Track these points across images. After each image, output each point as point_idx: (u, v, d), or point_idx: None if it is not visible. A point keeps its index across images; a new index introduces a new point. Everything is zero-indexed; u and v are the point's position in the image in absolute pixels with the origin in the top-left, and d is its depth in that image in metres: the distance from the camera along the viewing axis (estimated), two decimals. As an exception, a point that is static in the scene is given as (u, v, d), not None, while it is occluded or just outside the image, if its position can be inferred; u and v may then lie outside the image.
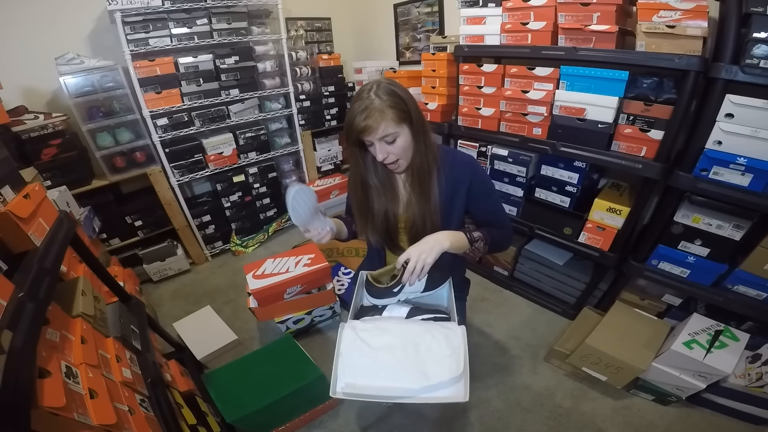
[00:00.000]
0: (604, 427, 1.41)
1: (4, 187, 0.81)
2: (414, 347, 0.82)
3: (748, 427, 1.37)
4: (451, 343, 0.82)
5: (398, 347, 0.82)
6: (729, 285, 1.39)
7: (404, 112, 0.87)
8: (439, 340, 0.83)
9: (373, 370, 0.79)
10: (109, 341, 0.96)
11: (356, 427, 1.48)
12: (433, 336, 0.84)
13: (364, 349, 0.82)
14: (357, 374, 0.78)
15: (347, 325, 0.88)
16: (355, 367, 0.79)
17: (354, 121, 0.86)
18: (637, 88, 1.43)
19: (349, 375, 0.78)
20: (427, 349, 0.81)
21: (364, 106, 0.85)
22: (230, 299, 2.28)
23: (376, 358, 0.80)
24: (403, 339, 0.84)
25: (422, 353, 0.81)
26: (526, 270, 2.11)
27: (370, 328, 0.87)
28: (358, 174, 1.03)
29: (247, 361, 1.51)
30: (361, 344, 0.83)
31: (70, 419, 0.61)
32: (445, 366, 0.78)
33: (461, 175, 0.99)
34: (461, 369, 0.76)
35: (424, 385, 0.76)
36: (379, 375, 0.78)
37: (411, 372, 0.78)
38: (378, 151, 0.90)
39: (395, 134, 0.88)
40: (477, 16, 1.80)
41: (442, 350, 0.81)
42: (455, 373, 0.76)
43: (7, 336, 0.56)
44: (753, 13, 1.11)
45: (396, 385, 0.77)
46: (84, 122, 2.04)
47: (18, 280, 0.68)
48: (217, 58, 2.33)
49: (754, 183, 1.20)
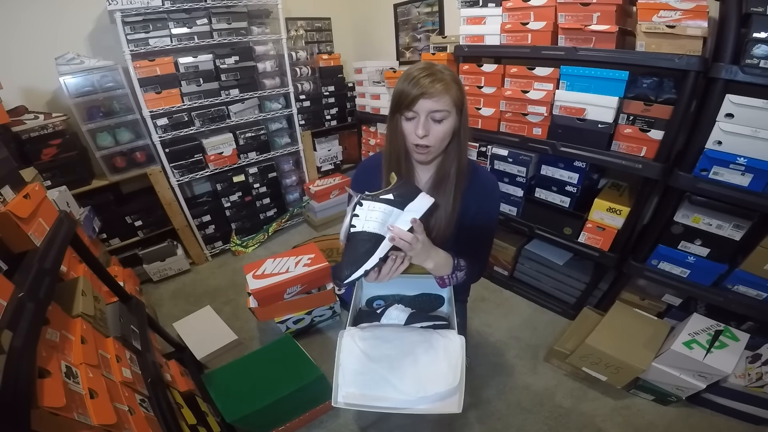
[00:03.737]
0: (604, 427, 1.41)
1: (4, 187, 0.81)
2: (412, 358, 0.83)
3: (748, 427, 1.37)
4: (449, 353, 0.83)
5: (397, 358, 0.83)
6: (729, 285, 1.39)
7: (460, 98, 0.83)
8: (438, 350, 0.84)
9: (371, 381, 0.81)
10: (109, 341, 0.96)
11: (356, 427, 1.48)
12: (432, 346, 0.85)
13: (363, 360, 0.83)
14: (356, 384, 0.81)
15: (346, 333, 0.89)
16: (355, 377, 0.81)
17: (419, 82, 0.78)
18: (637, 88, 1.43)
19: (349, 385, 0.80)
20: (425, 361, 0.83)
21: (432, 71, 0.79)
22: (230, 299, 2.28)
23: (375, 370, 0.82)
24: (402, 349, 0.85)
25: (420, 364, 0.82)
26: (526, 270, 2.11)
27: (369, 337, 0.88)
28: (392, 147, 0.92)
29: (247, 361, 1.51)
30: (360, 354, 0.84)
31: (70, 419, 0.61)
32: (442, 378, 0.80)
33: (480, 194, 0.94)
34: (457, 381, 0.78)
35: (420, 396, 0.78)
36: (378, 386, 0.80)
37: (409, 383, 0.80)
38: (420, 125, 0.81)
39: (446, 114, 0.81)
40: (477, 16, 1.80)
41: (439, 362, 0.82)
42: (451, 385, 0.78)
43: (7, 336, 0.56)
44: (753, 13, 1.11)
45: (394, 396, 0.79)
46: (84, 122, 2.04)
47: (18, 280, 0.68)
48: (217, 58, 2.33)
49: (754, 183, 1.20)
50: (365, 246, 0.73)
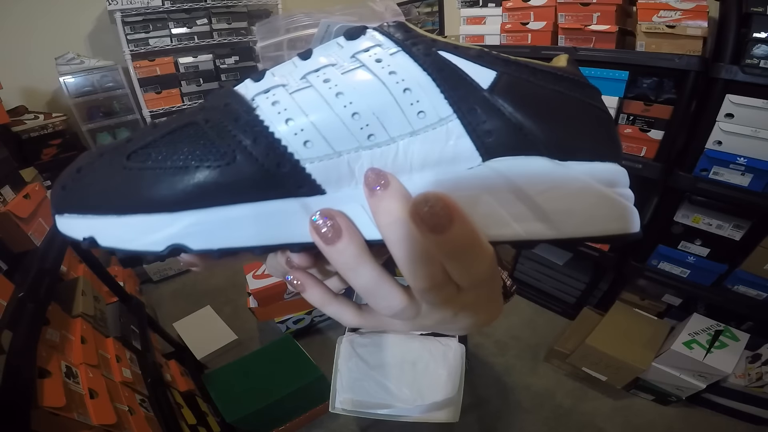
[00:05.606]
0: (604, 427, 1.41)
1: (4, 187, 0.81)
2: (411, 365, 0.84)
3: (748, 427, 1.37)
4: (449, 362, 0.84)
5: (395, 365, 0.84)
6: (729, 285, 1.39)
7: None
8: (437, 358, 0.84)
9: (369, 387, 0.81)
10: (109, 341, 0.96)
11: (356, 427, 1.48)
12: (431, 354, 0.85)
13: (361, 366, 0.84)
14: (354, 391, 0.81)
15: (345, 339, 0.89)
16: (353, 383, 0.82)
17: None
18: (637, 88, 1.43)
19: (347, 391, 0.81)
20: (424, 369, 0.83)
21: None
22: (230, 299, 2.28)
23: (373, 377, 0.82)
24: (401, 357, 0.85)
25: (419, 372, 0.83)
26: (526, 270, 2.11)
27: (368, 343, 0.88)
28: None
29: (247, 361, 1.51)
30: (358, 360, 0.84)
31: (70, 419, 0.61)
32: (441, 387, 0.80)
33: None
34: (455, 391, 0.79)
35: (418, 404, 0.79)
36: (376, 393, 0.81)
37: (406, 391, 0.81)
38: None
39: None
40: (477, 16, 1.80)
41: (438, 370, 0.83)
42: (450, 395, 0.79)
43: (7, 336, 0.56)
44: (753, 13, 1.11)
45: (391, 404, 0.79)
46: (84, 122, 2.04)
47: (18, 280, 0.68)
48: (217, 58, 2.32)
49: (754, 183, 1.20)
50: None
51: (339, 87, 0.18)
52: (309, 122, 0.17)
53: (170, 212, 0.18)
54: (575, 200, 0.18)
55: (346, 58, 0.18)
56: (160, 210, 0.18)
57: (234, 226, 0.18)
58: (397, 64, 0.18)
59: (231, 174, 0.17)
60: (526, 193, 0.17)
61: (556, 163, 0.18)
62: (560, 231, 0.18)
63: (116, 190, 0.18)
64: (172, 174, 0.17)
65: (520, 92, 0.18)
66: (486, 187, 0.17)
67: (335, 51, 0.19)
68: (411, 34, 0.19)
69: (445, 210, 0.13)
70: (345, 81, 0.18)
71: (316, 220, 0.17)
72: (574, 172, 0.18)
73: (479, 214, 0.17)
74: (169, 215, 0.18)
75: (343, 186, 0.18)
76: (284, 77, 0.19)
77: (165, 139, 0.18)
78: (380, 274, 0.18)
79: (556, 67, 0.20)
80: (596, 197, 0.18)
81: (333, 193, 0.18)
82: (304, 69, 0.19)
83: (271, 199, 0.18)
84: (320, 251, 0.18)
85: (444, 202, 0.13)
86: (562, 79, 0.19)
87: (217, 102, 0.20)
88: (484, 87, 0.18)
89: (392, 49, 0.18)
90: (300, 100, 0.18)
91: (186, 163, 0.17)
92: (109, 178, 0.18)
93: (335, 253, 0.17)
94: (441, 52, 0.18)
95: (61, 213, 0.19)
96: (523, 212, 0.17)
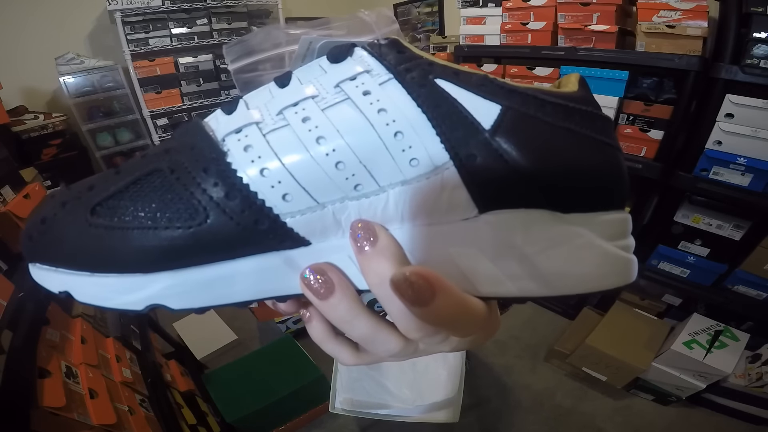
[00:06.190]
0: (604, 427, 1.41)
1: (4, 187, 0.81)
2: (411, 365, 0.84)
3: (748, 427, 1.37)
4: (449, 362, 0.84)
5: (395, 366, 0.84)
6: (729, 285, 1.39)
7: None
8: (437, 359, 0.85)
9: (369, 387, 0.81)
10: (109, 341, 0.96)
11: (356, 427, 1.48)
12: (431, 355, 0.85)
13: (361, 367, 0.83)
14: (354, 391, 0.81)
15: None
16: (353, 383, 0.82)
17: None
18: (637, 88, 1.43)
19: (347, 391, 0.81)
20: (424, 369, 0.83)
21: None
22: (230, 299, 2.28)
23: (373, 377, 0.83)
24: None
25: (419, 373, 0.83)
26: (526, 270, 2.11)
27: None
28: None
29: (247, 361, 1.51)
30: None
31: (70, 419, 0.61)
32: (441, 387, 0.80)
33: None
34: (455, 391, 0.79)
35: (418, 404, 0.80)
36: (375, 393, 0.81)
37: (406, 391, 0.81)
38: None
39: None
40: (477, 16, 1.80)
41: (438, 370, 0.83)
42: (449, 395, 0.79)
43: (7, 336, 0.56)
44: (753, 13, 1.11)
45: (391, 404, 0.80)
46: (84, 122, 2.05)
47: (18, 280, 0.68)
48: (217, 58, 2.33)
49: (754, 183, 1.20)
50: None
51: (320, 129, 0.16)
52: (287, 173, 0.15)
53: (145, 273, 0.16)
54: (574, 261, 0.17)
55: (329, 89, 0.16)
56: (133, 271, 0.16)
57: (215, 286, 0.17)
58: (388, 99, 0.16)
59: (204, 235, 0.16)
60: (522, 252, 0.16)
61: (557, 216, 0.16)
62: (555, 290, 0.17)
63: (84, 249, 0.16)
64: (140, 235, 0.16)
65: (525, 133, 0.16)
66: (480, 242, 0.16)
67: (317, 77, 0.17)
68: (405, 56, 0.17)
69: (427, 285, 0.13)
70: (327, 121, 0.16)
71: (307, 277, 0.16)
72: (575, 226, 0.17)
73: (471, 271, 0.16)
74: (144, 276, 0.16)
75: (329, 236, 0.17)
76: (259, 110, 0.17)
77: (129, 190, 0.16)
78: (375, 323, 0.17)
79: (567, 95, 0.17)
80: (597, 256, 0.17)
81: (318, 244, 0.17)
82: (280, 101, 0.17)
83: (252, 254, 0.17)
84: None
85: (424, 278, 0.13)
86: (572, 112, 0.17)
87: (183, 142, 0.17)
88: (486, 127, 0.16)
89: (383, 76, 0.16)
90: (276, 145, 0.16)
91: (155, 223, 0.16)
92: (76, 236, 0.16)
93: (329, 308, 0.17)
94: (439, 80, 0.16)
95: (33, 263, 0.18)
96: (518, 272, 0.17)
